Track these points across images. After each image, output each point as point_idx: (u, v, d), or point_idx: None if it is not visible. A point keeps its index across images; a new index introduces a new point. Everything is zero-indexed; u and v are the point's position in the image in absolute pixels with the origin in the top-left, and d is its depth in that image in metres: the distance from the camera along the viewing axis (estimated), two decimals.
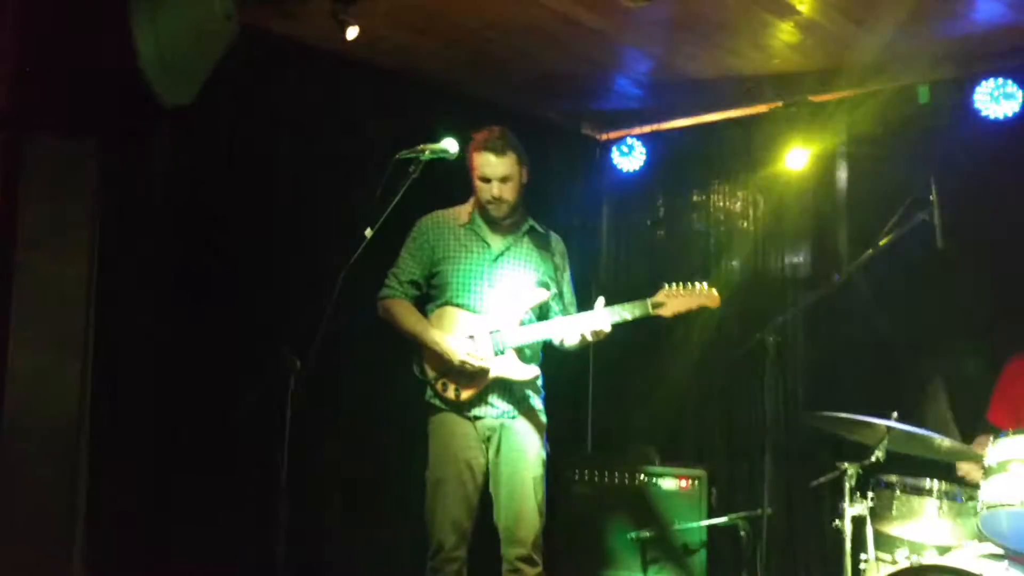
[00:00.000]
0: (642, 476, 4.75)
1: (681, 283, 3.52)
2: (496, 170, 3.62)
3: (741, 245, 5.44)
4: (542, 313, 3.72)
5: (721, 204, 5.53)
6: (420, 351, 3.66)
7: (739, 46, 4.52)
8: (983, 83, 4.45)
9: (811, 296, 3.79)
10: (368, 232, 3.09)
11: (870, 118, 4.96)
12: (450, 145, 3.32)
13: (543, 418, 3.71)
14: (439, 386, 3.61)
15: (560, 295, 3.78)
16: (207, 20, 3.22)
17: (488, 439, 3.62)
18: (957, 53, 4.48)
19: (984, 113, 4.47)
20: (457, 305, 3.66)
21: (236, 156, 4.12)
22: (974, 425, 4.05)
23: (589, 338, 3.53)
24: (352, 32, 3.92)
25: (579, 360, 5.28)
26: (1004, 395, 4.07)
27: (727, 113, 5.41)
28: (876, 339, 4.55)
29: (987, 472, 3.22)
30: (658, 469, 4.76)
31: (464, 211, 3.79)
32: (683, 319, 5.04)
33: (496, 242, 3.73)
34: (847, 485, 3.59)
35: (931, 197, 3.51)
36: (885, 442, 3.49)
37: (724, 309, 3.67)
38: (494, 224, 3.74)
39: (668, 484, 4.71)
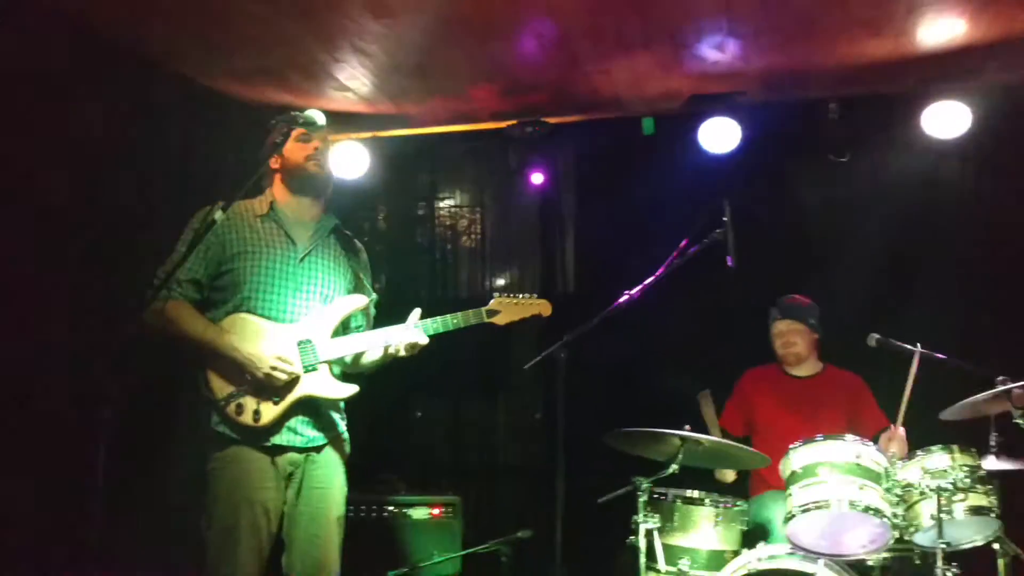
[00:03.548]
0: (391, 507, 4.37)
1: (513, 293, 3.34)
2: (314, 130, 3.19)
3: (467, 261, 5.34)
4: (343, 326, 3.23)
5: (447, 220, 5.38)
6: (207, 365, 2.98)
7: (493, 51, 4.41)
8: (707, 120, 4.84)
9: (601, 314, 3.73)
10: (219, 215, 2.42)
11: (597, 143, 5.18)
12: (317, 116, 2.79)
13: (348, 448, 3.23)
14: (232, 408, 2.94)
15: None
16: None
17: (290, 476, 3.04)
18: (685, 89, 4.83)
19: (707, 148, 4.86)
20: (253, 311, 3.04)
21: None
22: None
23: (402, 353, 3.13)
24: None
25: None
26: (736, 404, 4.45)
27: (459, 126, 5.27)
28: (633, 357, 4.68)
29: (793, 478, 3.43)
30: (406, 499, 4.42)
31: (261, 201, 3.21)
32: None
33: (301, 238, 3.20)
34: (641, 500, 3.64)
35: (724, 218, 3.68)
36: (681, 455, 3.59)
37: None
38: (297, 217, 3.22)
39: (419, 514, 4.39)
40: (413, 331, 3.12)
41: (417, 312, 3.19)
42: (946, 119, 4.57)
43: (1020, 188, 4.63)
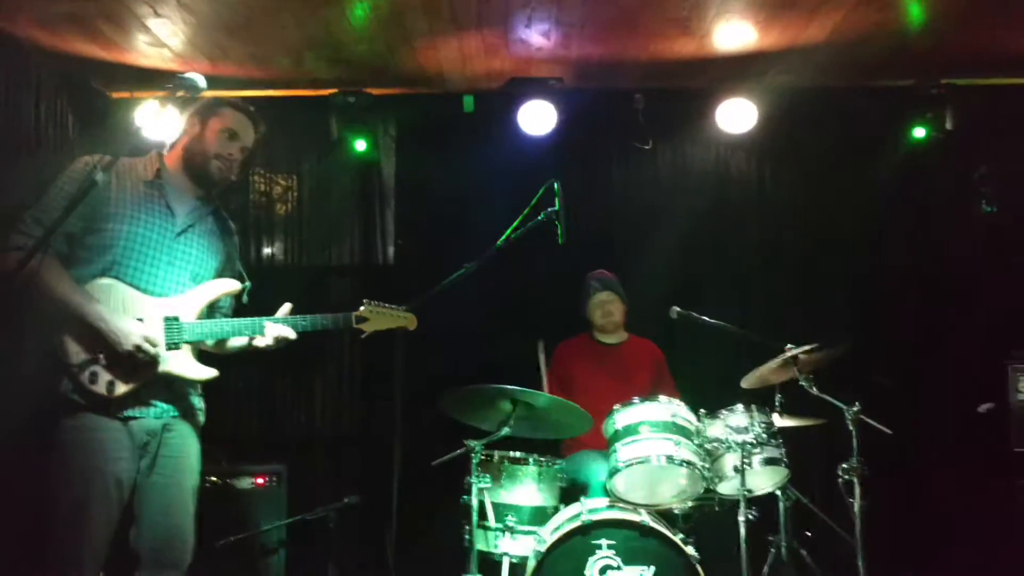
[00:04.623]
0: (213, 478, 4.29)
1: (381, 302, 3.32)
2: (247, 135, 3.16)
3: (282, 229, 5.26)
4: (209, 307, 3.15)
5: (261, 186, 5.27)
6: (65, 328, 2.82)
7: (324, 19, 4.38)
8: (526, 103, 5.06)
9: (443, 283, 3.83)
10: (100, 177, 2.29)
11: (419, 117, 5.28)
12: (199, 80, 2.68)
13: (202, 418, 3.16)
14: (85, 376, 2.80)
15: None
16: None
17: (145, 445, 2.93)
18: (507, 71, 5.03)
19: (525, 129, 5.09)
20: (123, 278, 2.91)
21: None
22: None
23: (269, 344, 3.11)
24: None
25: None
26: (554, 375, 4.73)
27: (278, 91, 5.17)
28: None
29: (616, 436, 3.75)
30: (228, 469, 4.35)
31: (147, 166, 3.06)
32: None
33: (181, 213, 3.08)
34: (474, 461, 3.81)
35: (556, 197, 3.90)
36: (514, 419, 3.80)
37: (272, 298, 3.46)
38: (180, 191, 3.10)
39: (243, 484, 4.34)
40: (282, 326, 3.10)
41: (288, 307, 3.18)
42: (736, 115, 5.08)
43: (795, 178, 5.26)
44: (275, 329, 3.09)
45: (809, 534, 4.23)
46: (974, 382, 4.76)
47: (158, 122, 4.95)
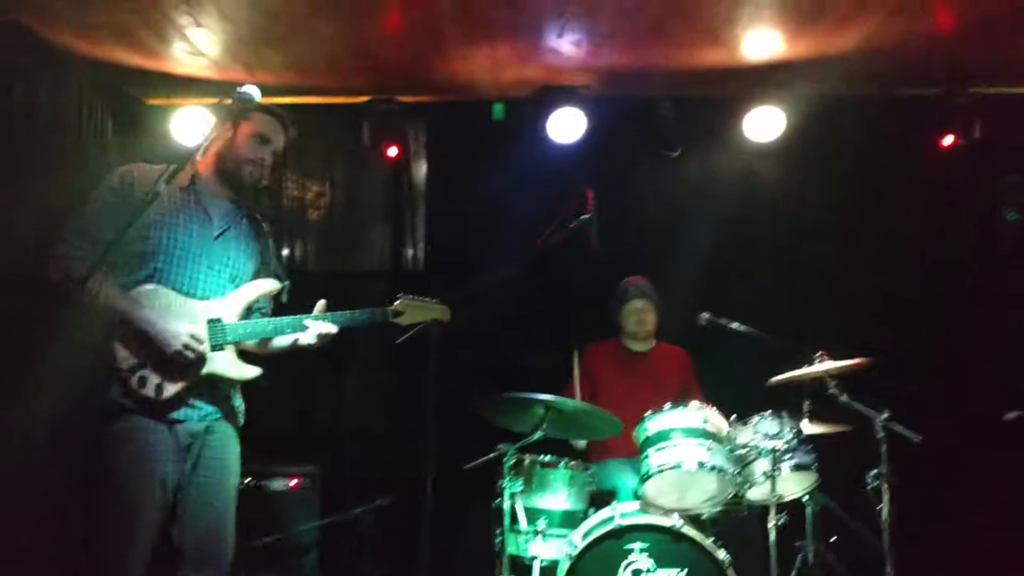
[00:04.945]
0: (247, 480, 4.34)
1: (415, 295, 3.39)
2: (277, 138, 3.22)
3: (315, 233, 5.34)
4: (247, 308, 3.21)
5: (293, 191, 5.35)
6: (113, 333, 2.89)
7: (363, 29, 4.47)
8: (556, 111, 5.11)
9: (484, 285, 3.91)
10: (163, 187, 2.38)
11: (450, 124, 5.35)
12: (255, 93, 2.77)
13: (242, 420, 3.24)
14: (135, 380, 2.88)
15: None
16: None
17: (188, 447, 3.01)
18: (537, 79, 5.09)
19: (554, 137, 5.14)
20: (166, 283, 2.99)
21: None
22: None
23: (313, 342, 3.17)
24: None
25: None
26: (582, 376, 4.76)
27: (311, 98, 5.24)
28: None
29: (648, 443, 3.80)
30: (261, 470, 4.42)
31: (182, 172, 3.12)
32: None
33: (216, 217, 3.16)
34: (507, 464, 3.87)
35: (589, 205, 3.97)
36: (546, 423, 3.85)
37: (303, 301, 3.52)
38: (214, 194, 3.18)
39: (277, 485, 4.41)
40: (323, 322, 3.17)
41: (323, 303, 3.24)
42: (764, 123, 5.11)
43: (823, 186, 5.29)
44: (317, 326, 3.15)
45: (835, 539, 4.27)
46: (1001, 389, 4.77)
47: (194, 129, 5.12)
